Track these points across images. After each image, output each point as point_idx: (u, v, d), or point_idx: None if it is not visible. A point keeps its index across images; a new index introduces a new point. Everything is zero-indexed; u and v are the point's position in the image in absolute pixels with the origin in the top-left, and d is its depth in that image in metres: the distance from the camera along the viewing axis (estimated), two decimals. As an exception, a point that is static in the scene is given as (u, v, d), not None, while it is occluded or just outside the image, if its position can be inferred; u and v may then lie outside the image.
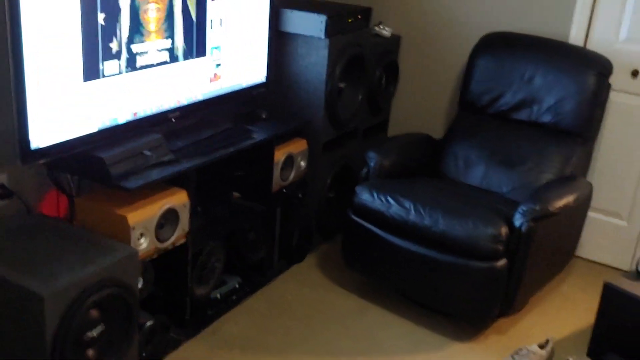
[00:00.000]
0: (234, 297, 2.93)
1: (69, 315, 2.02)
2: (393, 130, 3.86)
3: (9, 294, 2.02)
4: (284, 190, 3.11)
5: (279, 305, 2.97)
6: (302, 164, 3.18)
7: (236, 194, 3.06)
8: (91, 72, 2.23)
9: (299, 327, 2.82)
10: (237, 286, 2.97)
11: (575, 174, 3.11)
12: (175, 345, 2.61)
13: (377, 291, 3.10)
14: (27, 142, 2.08)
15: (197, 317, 2.72)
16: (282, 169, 3.04)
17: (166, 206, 2.39)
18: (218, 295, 2.87)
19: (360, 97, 3.39)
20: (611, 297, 2.68)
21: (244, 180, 3.03)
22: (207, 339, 2.70)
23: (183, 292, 2.61)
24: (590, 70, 3.12)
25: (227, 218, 2.88)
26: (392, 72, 3.66)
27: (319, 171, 3.28)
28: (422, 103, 3.77)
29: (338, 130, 3.31)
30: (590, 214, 3.47)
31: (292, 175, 3.12)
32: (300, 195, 3.23)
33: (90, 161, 2.27)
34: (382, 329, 2.87)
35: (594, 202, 3.45)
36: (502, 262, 2.68)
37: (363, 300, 3.05)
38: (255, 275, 3.09)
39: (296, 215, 3.25)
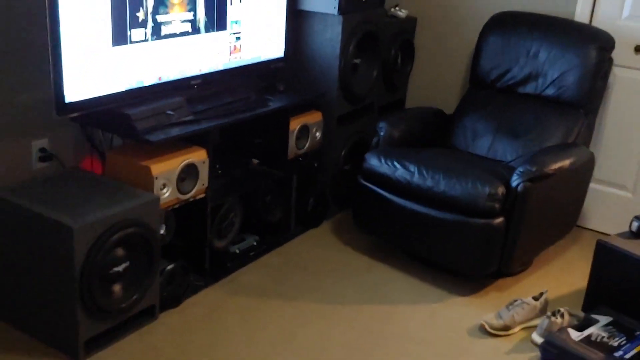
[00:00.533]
0: (251, 254, 3.17)
1: (95, 248, 2.29)
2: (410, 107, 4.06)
3: (43, 228, 2.31)
4: (300, 159, 3.35)
5: (293, 262, 3.20)
6: (318, 134, 3.41)
7: (255, 161, 3.30)
8: (119, 37, 2.51)
9: (310, 280, 3.05)
10: (254, 244, 3.21)
11: (577, 144, 3.26)
12: (194, 290, 2.86)
13: (385, 251, 3.31)
14: (62, 96, 2.36)
15: (216, 267, 2.97)
16: (298, 138, 3.28)
17: (186, 161, 2.65)
18: (237, 250, 3.12)
19: (375, 73, 3.61)
20: (604, 254, 2.84)
21: (262, 147, 3.28)
22: (225, 287, 2.94)
23: (203, 242, 2.87)
24: (592, 45, 3.27)
25: (245, 179, 3.14)
26: (408, 51, 3.87)
27: (334, 143, 3.51)
28: (438, 81, 3.97)
29: (353, 104, 3.53)
30: (597, 186, 3.62)
31: (307, 145, 3.35)
32: (315, 165, 3.46)
33: (118, 117, 2.55)
34: (387, 283, 3.07)
35: (600, 175, 3.61)
36: (499, 220, 2.86)
37: (372, 259, 3.26)
38: (272, 236, 3.33)
39: (312, 183, 3.49)
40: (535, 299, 2.85)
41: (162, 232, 2.63)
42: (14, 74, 2.67)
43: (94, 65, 2.44)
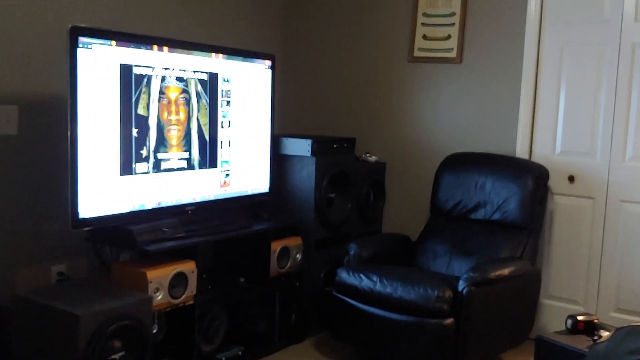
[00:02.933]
0: (237, 362, 3.58)
1: (97, 334, 2.76)
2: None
3: (53, 318, 2.80)
4: (282, 278, 3.85)
5: (275, 370, 3.60)
6: (298, 256, 3.94)
7: (242, 279, 3.80)
8: (126, 169, 3.15)
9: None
10: (239, 354, 3.62)
11: (521, 258, 3.74)
12: (183, 388, 3.26)
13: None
14: (77, 213, 2.95)
15: (204, 371, 3.39)
16: (279, 258, 3.80)
17: (177, 269, 3.18)
18: (223, 358, 3.53)
19: (349, 206, 4.19)
20: (543, 348, 3.21)
21: (248, 267, 3.80)
22: (211, 388, 3.34)
23: (191, 345, 3.31)
24: (528, 175, 3.85)
25: (231, 293, 3.63)
26: (379, 189, 4.48)
27: (314, 265, 4.02)
28: (407, 213, 4.52)
29: (329, 231, 4.09)
30: (550, 301, 4.05)
31: (288, 265, 3.87)
32: (297, 284, 3.95)
33: (122, 232, 3.12)
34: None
35: (552, 291, 4.05)
36: (449, 321, 3.28)
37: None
38: (257, 347, 3.75)
39: (294, 300, 3.95)
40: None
41: (154, 330, 3.10)
42: (39, 207, 3.31)
43: (103, 189, 3.06)
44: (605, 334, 2.91)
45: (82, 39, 2.89)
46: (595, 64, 3.88)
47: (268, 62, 3.95)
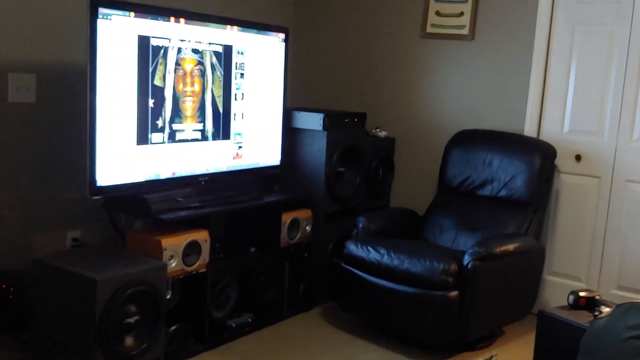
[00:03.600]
0: (246, 329, 3.67)
1: (114, 298, 2.85)
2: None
3: (72, 282, 2.90)
4: (292, 248, 3.94)
5: (283, 337, 3.69)
6: (308, 228, 4.02)
7: (253, 249, 3.89)
8: (142, 139, 3.22)
9: (296, 351, 3.53)
10: (249, 320, 3.72)
11: (526, 235, 3.81)
12: (194, 352, 3.36)
13: (365, 329, 3.80)
14: (95, 180, 3.03)
15: (215, 336, 3.48)
16: (289, 229, 3.89)
17: (191, 238, 3.26)
18: (233, 325, 3.62)
19: (358, 180, 4.26)
20: (545, 323, 3.29)
21: (259, 237, 3.89)
22: (221, 352, 3.44)
23: (203, 311, 3.41)
24: (536, 153, 3.91)
25: (242, 262, 3.72)
26: (388, 165, 4.55)
27: (323, 237, 4.10)
28: (416, 188, 4.59)
29: (338, 204, 4.17)
30: (554, 278, 4.14)
31: (298, 236, 3.95)
32: (306, 255, 4.04)
33: (137, 201, 3.20)
34: (363, 354, 3.54)
35: (556, 267, 4.13)
36: (454, 293, 3.37)
37: (353, 335, 3.74)
38: (266, 315, 3.85)
39: (303, 271, 4.05)
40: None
41: (168, 296, 3.19)
42: (55, 174, 3.39)
43: (120, 159, 3.13)
44: (606, 310, 2.98)
45: (102, 10, 2.95)
46: (606, 44, 3.91)
47: (282, 35, 4.00)
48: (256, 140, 3.88)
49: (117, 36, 3.03)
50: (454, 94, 4.41)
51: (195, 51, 3.42)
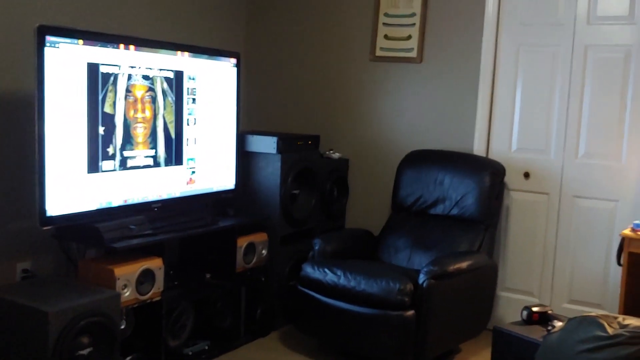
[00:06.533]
0: (203, 356, 3.63)
1: (66, 330, 2.79)
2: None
3: (23, 315, 2.83)
4: (248, 273, 3.92)
5: (241, 363, 3.68)
6: (264, 252, 4.01)
7: (208, 275, 3.85)
8: (93, 167, 3.17)
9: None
10: (206, 348, 3.68)
11: (479, 252, 3.87)
12: (150, 382, 3.31)
13: (324, 352, 3.79)
14: (44, 210, 2.97)
15: (171, 364, 3.44)
16: (245, 254, 3.87)
17: (144, 266, 3.22)
18: (190, 353, 3.59)
19: (313, 202, 4.28)
20: (500, 338, 3.34)
21: (214, 262, 3.86)
22: (178, 382, 3.40)
23: (158, 340, 3.35)
24: (485, 171, 3.99)
25: (197, 288, 3.68)
26: (342, 186, 4.57)
27: (279, 260, 4.10)
28: (370, 209, 4.62)
29: (294, 227, 4.17)
30: (507, 293, 4.21)
31: (254, 260, 3.94)
32: (262, 279, 4.03)
33: (89, 230, 3.15)
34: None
35: (509, 283, 4.21)
36: (410, 313, 3.40)
37: (312, 359, 3.73)
38: (223, 341, 3.81)
39: (260, 295, 4.02)
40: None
41: (122, 326, 3.14)
42: (6, 204, 3.31)
43: (71, 187, 3.08)
44: (558, 324, 3.04)
45: (49, 38, 2.91)
46: (549, 65, 4.03)
47: (233, 60, 4.01)
48: (209, 165, 3.87)
49: (65, 64, 3.00)
50: (404, 115, 4.48)
51: (145, 77, 3.40)
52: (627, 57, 3.81)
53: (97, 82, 3.15)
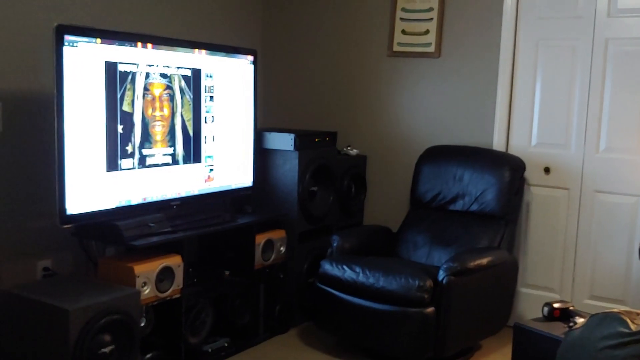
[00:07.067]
0: (223, 354, 3.64)
1: (87, 328, 2.81)
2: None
3: (44, 313, 2.84)
4: (267, 270, 3.92)
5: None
6: (282, 249, 4.01)
7: (227, 272, 3.86)
8: (112, 165, 3.19)
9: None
10: (225, 345, 3.68)
11: (499, 248, 3.84)
12: (170, 379, 3.32)
13: (342, 349, 3.79)
14: (64, 209, 2.99)
15: (191, 361, 3.45)
16: (264, 251, 3.87)
17: (164, 264, 3.23)
18: (210, 350, 3.59)
19: (331, 199, 4.27)
20: (521, 335, 3.31)
21: (233, 260, 3.86)
22: (198, 378, 3.41)
23: (178, 337, 3.36)
24: (505, 167, 3.95)
25: (216, 286, 3.69)
26: (360, 182, 4.56)
27: (297, 257, 4.09)
28: (388, 206, 4.61)
29: (312, 224, 4.16)
30: (528, 290, 4.18)
31: (272, 257, 3.93)
32: (281, 276, 4.02)
33: (109, 228, 3.16)
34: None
35: (529, 279, 4.17)
36: (430, 309, 3.38)
37: (330, 356, 3.73)
38: (242, 339, 3.81)
39: (278, 292, 4.02)
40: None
41: (142, 324, 3.15)
42: (24, 203, 3.34)
43: (90, 186, 3.10)
44: (580, 320, 3.01)
45: (67, 37, 2.93)
46: (569, 59, 3.98)
47: (250, 58, 4.00)
48: (227, 163, 3.87)
49: (83, 63, 3.01)
50: (423, 110, 4.45)
51: (163, 75, 3.41)
52: (649, 49, 3.76)
53: (115, 80, 3.16)
